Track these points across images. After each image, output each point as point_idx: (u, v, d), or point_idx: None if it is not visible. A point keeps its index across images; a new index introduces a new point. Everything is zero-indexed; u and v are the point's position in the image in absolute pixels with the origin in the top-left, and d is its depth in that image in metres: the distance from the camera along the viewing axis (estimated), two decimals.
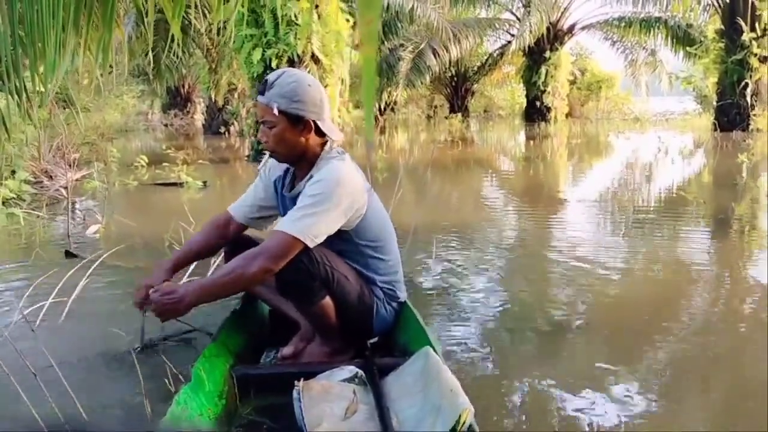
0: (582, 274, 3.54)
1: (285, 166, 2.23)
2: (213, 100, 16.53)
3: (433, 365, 1.82)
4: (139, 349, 2.38)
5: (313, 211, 1.97)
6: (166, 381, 2.05)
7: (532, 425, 1.93)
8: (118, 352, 2.40)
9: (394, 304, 2.26)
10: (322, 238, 1.99)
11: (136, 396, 1.98)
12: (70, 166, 6.72)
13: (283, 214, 2.25)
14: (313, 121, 2.08)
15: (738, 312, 2.97)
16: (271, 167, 2.32)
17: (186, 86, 22.73)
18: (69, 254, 3.96)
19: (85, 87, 9.21)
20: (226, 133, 16.42)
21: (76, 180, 6.70)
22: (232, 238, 2.32)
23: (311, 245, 1.97)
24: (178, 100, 23.06)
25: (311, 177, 2.09)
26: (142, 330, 2.38)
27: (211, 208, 5.91)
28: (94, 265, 3.25)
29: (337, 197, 1.99)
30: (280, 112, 2.03)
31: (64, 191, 6.02)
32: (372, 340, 2.27)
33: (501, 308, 3.04)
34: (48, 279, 3.16)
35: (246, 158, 10.45)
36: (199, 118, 21.81)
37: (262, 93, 2.06)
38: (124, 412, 1.99)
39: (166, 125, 21.83)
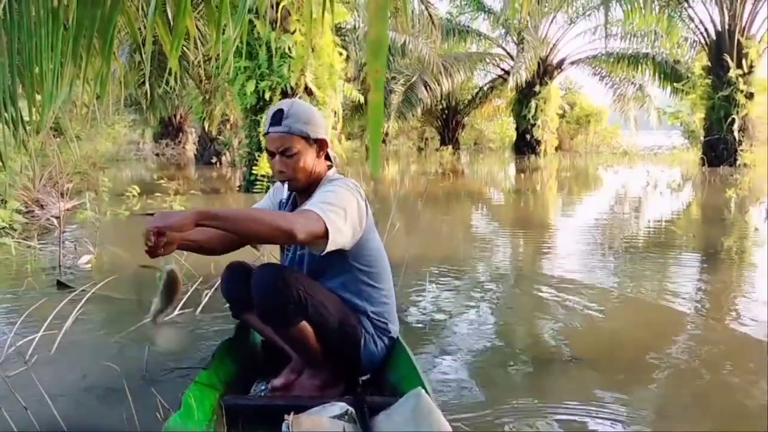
0: (572, 308, 3.56)
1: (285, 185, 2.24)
2: (205, 130, 16.60)
3: (425, 407, 1.81)
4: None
5: (334, 207, 1.96)
6: (158, 414, 2.03)
7: None
8: (111, 385, 2.38)
9: (386, 339, 2.26)
10: (341, 238, 1.97)
11: (127, 423, 1.96)
12: (62, 195, 6.71)
13: None
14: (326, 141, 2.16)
15: (724, 346, 2.98)
16: (277, 189, 2.36)
17: (178, 116, 22.82)
18: (61, 284, 3.94)
19: (76, 116, 9.25)
20: (218, 163, 16.46)
21: (68, 210, 6.68)
22: (232, 264, 2.28)
23: (332, 239, 1.92)
24: (169, 130, 23.12)
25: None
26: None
27: None
28: (87, 296, 3.23)
29: (353, 200, 2.05)
30: (303, 136, 2.08)
31: (55, 221, 6.00)
32: (364, 377, 2.27)
33: (491, 342, 3.04)
34: (39, 309, 3.14)
35: (238, 188, 10.47)
36: (191, 148, 21.88)
37: (277, 123, 2.08)
38: None
39: (157, 155, 21.87)
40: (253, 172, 9.61)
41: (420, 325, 3.22)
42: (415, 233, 6.03)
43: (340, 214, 1.97)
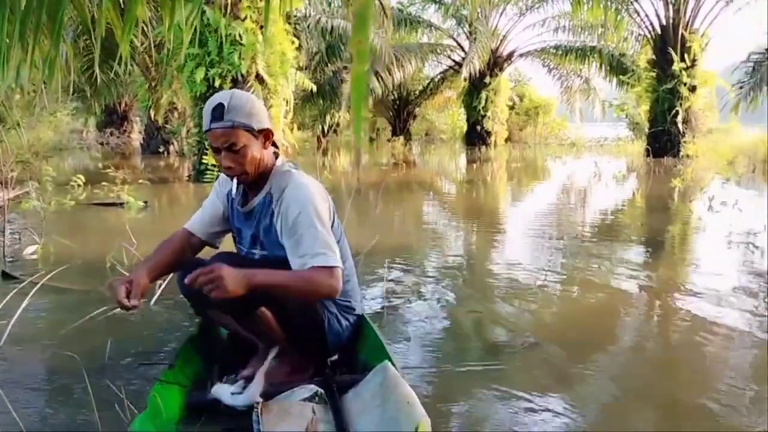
0: (524, 293, 3.63)
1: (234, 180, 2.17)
2: (152, 118, 16.21)
3: (391, 379, 1.84)
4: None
5: (326, 235, 2.03)
6: (116, 405, 1.98)
7: None
8: (68, 379, 2.32)
9: (351, 318, 2.26)
10: (338, 254, 2.05)
11: (87, 424, 1.91)
12: (3, 184, 6.47)
13: (235, 229, 2.26)
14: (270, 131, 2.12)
15: (672, 325, 3.09)
16: (222, 181, 2.31)
17: (123, 104, 22.22)
18: (6, 275, 3.80)
19: (18, 102, 8.92)
20: (165, 152, 16.13)
21: (10, 199, 6.45)
22: (194, 255, 2.27)
23: (340, 262, 2.03)
24: (114, 118, 22.49)
25: (269, 194, 2.12)
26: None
27: (153, 229, 5.78)
28: (37, 287, 3.13)
29: (323, 207, 2.09)
30: (247, 129, 2.03)
31: None
32: (332, 358, 2.27)
33: (446, 328, 3.08)
34: None
35: (187, 178, 10.28)
36: (137, 137, 21.36)
37: (219, 118, 2.02)
38: None
39: (101, 144, 21.26)
40: (203, 161, 9.45)
41: (376, 314, 3.22)
42: (370, 224, 6.03)
43: (327, 238, 2.04)
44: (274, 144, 2.18)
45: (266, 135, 2.11)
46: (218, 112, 2.02)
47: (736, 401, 2.22)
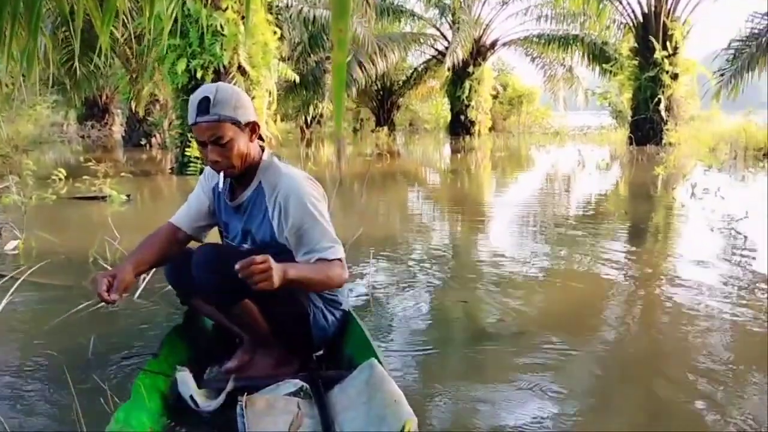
0: (510, 282, 3.64)
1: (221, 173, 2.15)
2: (133, 111, 16.04)
3: (378, 376, 1.83)
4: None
5: (327, 228, 2.08)
6: (102, 400, 1.96)
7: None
8: (51, 374, 2.29)
9: (337, 313, 2.26)
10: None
11: (70, 417, 1.89)
12: None
13: (222, 222, 2.25)
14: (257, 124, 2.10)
15: (656, 311, 3.11)
16: (209, 175, 2.28)
17: (104, 97, 21.96)
18: None
19: None
20: (148, 145, 15.98)
21: None
22: (180, 250, 2.24)
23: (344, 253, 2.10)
24: (95, 111, 22.23)
25: (260, 188, 2.11)
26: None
27: (136, 222, 5.73)
28: (18, 282, 3.09)
29: (321, 202, 2.12)
30: (233, 122, 2.01)
31: None
32: (318, 353, 2.26)
33: (431, 317, 3.09)
34: None
35: (170, 171, 10.20)
36: (118, 130, 21.13)
37: (204, 112, 1.99)
38: None
39: (82, 137, 21.03)
40: (186, 153, 9.37)
41: (361, 304, 3.22)
42: (354, 215, 6.02)
43: (331, 231, 2.10)
44: (260, 137, 2.16)
45: (252, 128, 2.09)
46: (204, 105, 2.00)
47: (718, 384, 2.24)
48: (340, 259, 2.07)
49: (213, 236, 2.36)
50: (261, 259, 1.78)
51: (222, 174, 2.09)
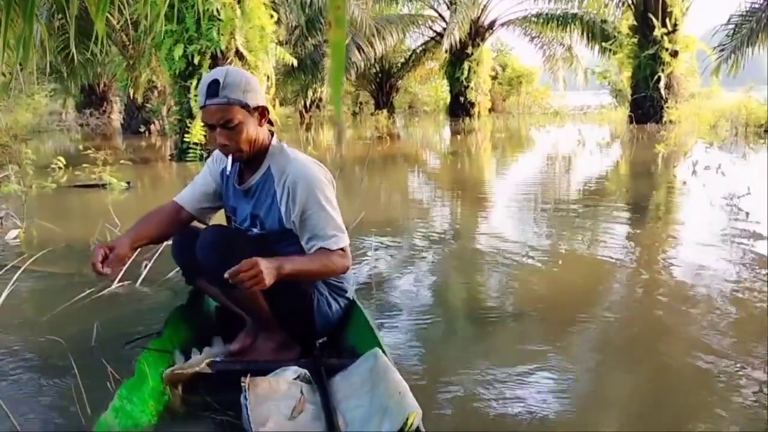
0: (512, 264, 3.64)
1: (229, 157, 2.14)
2: (131, 98, 15.99)
3: (382, 366, 1.82)
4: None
5: (334, 215, 2.08)
6: (108, 384, 1.97)
7: (469, 414, 1.97)
8: (56, 360, 2.30)
9: (341, 301, 2.26)
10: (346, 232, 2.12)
11: (75, 403, 1.89)
12: None
13: (230, 206, 2.25)
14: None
15: (659, 290, 3.11)
16: (217, 158, 2.28)
17: (101, 84, 21.88)
18: None
19: None
20: (147, 132, 15.94)
21: None
22: (182, 230, 2.25)
23: (348, 242, 2.11)
24: (93, 99, 22.14)
25: (269, 173, 2.11)
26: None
27: (137, 209, 5.69)
28: (20, 271, 3.09)
29: (326, 188, 2.10)
30: (242, 106, 2.01)
31: None
32: (321, 340, 2.26)
33: (434, 299, 3.09)
34: None
35: (170, 157, 10.18)
36: (117, 118, 21.08)
37: (214, 95, 1.99)
38: (63, 420, 1.91)
39: (81, 125, 20.98)
40: (185, 139, 9.35)
41: (363, 286, 3.22)
42: (355, 198, 6.01)
43: (337, 218, 2.10)
44: (269, 122, 2.15)
45: (261, 112, 2.09)
46: (213, 88, 2.00)
47: (722, 360, 2.25)
48: (343, 249, 2.07)
49: (219, 218, 2.36)
50: (248, 265, 1.80)
51: (230, 158, 2.08)
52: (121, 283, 3.18)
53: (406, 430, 1.57)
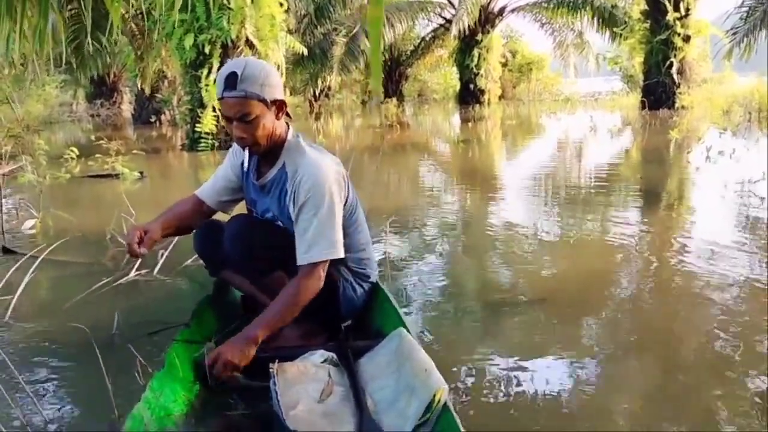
0: (523, 250, 3.64)
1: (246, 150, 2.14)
2: (141, 88, 16.05)
3: (407, 345, 1.84)
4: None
5: (322, 226, 2.00)
6: (136, 374, 2.00)
7: (484, 398, 1.98)
8: (75, 349, 2.32)
9: (365, 285, 2.28)
10: (340, 243, 2.04)
11: (102, 391, 1.91)
12: None
13: (250, 198, 2.26)
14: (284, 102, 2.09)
15: (673, 277, 3.10)
16: (236, 152, 2.28)
17: (111, 75, 21.96)
18: (6, 250, 3.79)
19: (7, 76, 8.79)
20: (158, 122, 16.01)
21: (5, 174, 6.41)
22: (204, 222, 2.29)
23: (340, 255, 2.04)
24: (103, 90, 22.27)
25: (284, 170, 2.10)
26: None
27: (151, 199, 5.77)
28: (38, 260, 3.12)
29: (330, 196, 2.02)
30: (260, 100, 1.99)
31: None
32: (346, 324, 2.29)
33: (447, 287, 3.09)
34: None
35: (181, 147, 10.22)
36: (128, 108, 21.19)
37: (232, 87, 1.96)
38: (90, 409, 1.93)
39: (92, 116, 21.10)
40: (197, 129, 9.39)
41: (381, 270, 3.23)
42: (367, 186, 6.02)
43: (324, 227, 2.01)
44: (287, 115, 2.14)
45: (279, 106, 2.07)
46: (231, 80, 1.97)
47: (735, 348, 2.25)
48: (316, 265, 2.01)
49: (240, 208, 2.38)
50: (211, 361, 1.84)
51: (247, 151, 2.09)
52: (138, 272, 3.21)
53: (434, 407, 1.59)
